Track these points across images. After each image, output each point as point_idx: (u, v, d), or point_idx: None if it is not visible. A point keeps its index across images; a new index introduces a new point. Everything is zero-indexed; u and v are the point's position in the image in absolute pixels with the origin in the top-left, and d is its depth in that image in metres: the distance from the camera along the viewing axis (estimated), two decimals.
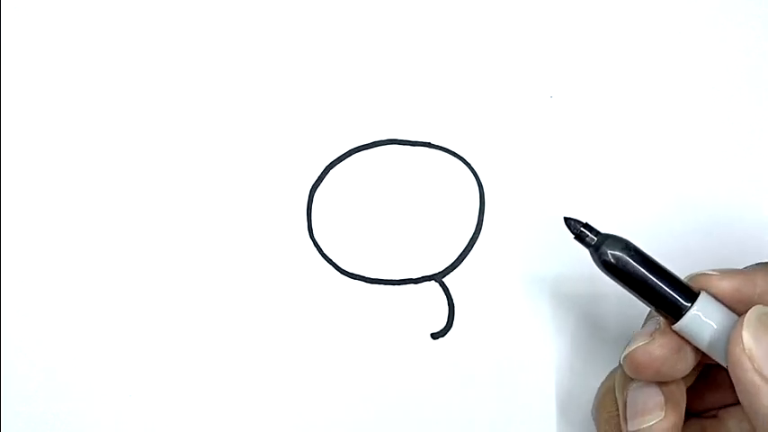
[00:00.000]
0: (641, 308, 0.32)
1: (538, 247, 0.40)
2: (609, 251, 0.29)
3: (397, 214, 0.40)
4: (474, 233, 0.40)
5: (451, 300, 0.39)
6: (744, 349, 0.26)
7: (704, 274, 0.29)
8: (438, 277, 0.40)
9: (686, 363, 0.29)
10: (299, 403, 0.39)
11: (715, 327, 0.28)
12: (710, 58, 0.40)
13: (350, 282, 0.40)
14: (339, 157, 0.40)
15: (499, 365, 0.39)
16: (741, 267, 0.30)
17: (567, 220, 0.31)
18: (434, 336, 0.39)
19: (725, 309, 0.28)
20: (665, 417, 0.29)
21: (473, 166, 0.40)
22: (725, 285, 0.28)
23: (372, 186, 0.40)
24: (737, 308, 0.28)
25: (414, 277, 0.40)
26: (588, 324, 0.39)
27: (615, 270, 0.29)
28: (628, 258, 0.29)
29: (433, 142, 0.40)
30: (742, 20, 0.40)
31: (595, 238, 0.30)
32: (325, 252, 0.40)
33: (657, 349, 0.29)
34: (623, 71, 0.40)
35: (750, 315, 0.26)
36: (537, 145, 0.40)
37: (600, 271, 0.30)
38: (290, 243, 0.40)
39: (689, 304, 0.28)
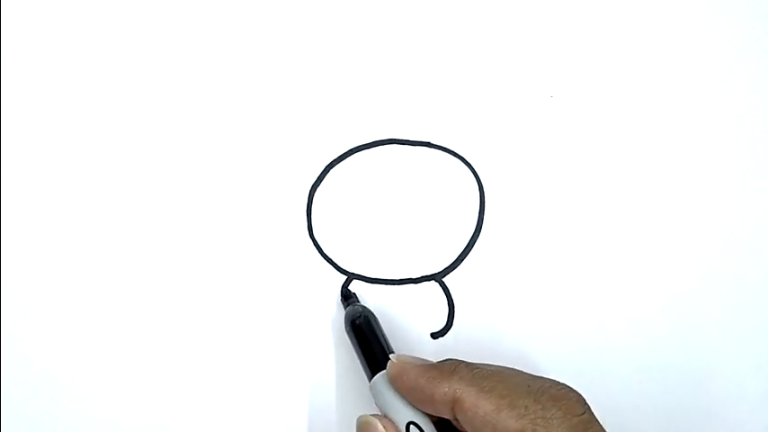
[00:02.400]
0: None
1: (538, 247, 0.40)
2: (348, 316, 0.37)
3: (396, 214, 0.40)
4: (474, 233, 0.40)
5: (451, 300, 0.39)
6: None
7: (391, 356, 0.34)
8: (438, 277, 0.40)
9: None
10: (299, 402, 0.39)
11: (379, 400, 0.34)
12: (710, 58, 0.40)
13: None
14: (339, 156, 0.40)
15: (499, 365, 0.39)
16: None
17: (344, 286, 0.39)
18: (434, 336, 0.39)
19: (391, 393, 0.33)
20: None
21: (473, 166, 0.40)
22: (389, 369, 0.33)
23: (372, 186, 0.40)
24: (405, 394, 0.33)
25: (414, 277, 0.40)
26: (587, 323, 0.39)
27: (355, 326, 0.37)
28: (348, 327, 0.37)
29: (433, 142, 0.40)
30: (742, 20, 0.40)
31: (347, 305, 0.38)
32: (325, 252, 0.40)
33: None
34: (624, 71, 0.40)
35: (357, 420, 0.33)
36: (537, 145, 0.40)
37: None
38: (290, 243, 0.40)
39: (372, 373, 0.35)
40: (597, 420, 0.30)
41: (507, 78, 0.40)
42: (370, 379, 0.35)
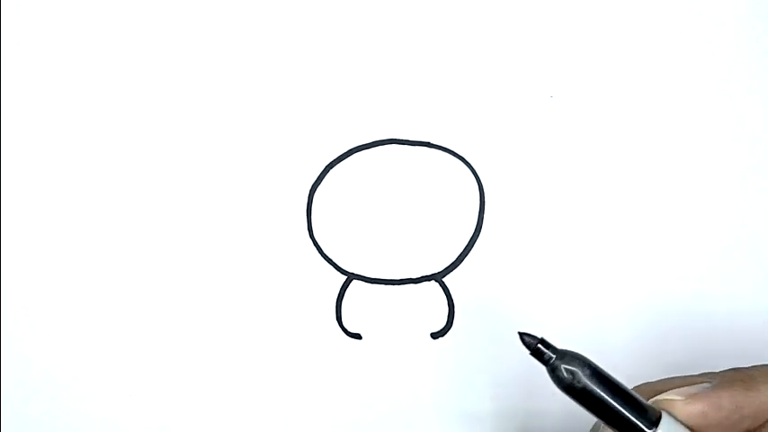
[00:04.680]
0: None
1: (538, 246, 0.40)
2: (565, 370, 0.28)
3: (396, 214, 0.40)
4: (474, 233, 0.40)
5: (451, 300, 0.39)
6: None
7: (669, 399, 0.28)
8: (438, 277, 0.40)
9: None
10: (298, 403, 0.39)
11: None
12: (711, 58, 0.40)
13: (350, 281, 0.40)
14: (339, 156, 0.40)
15: (499, 365, 0.39)
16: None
17: (521, 335, 0.29)
18: (434, 336, 0.39)
19: (685, 430, 0.28)
20: None
21: (473, 166, 0.40)
22: (691, 410, 0.28)
23: (372, 186, 0.40)
24: (706, 430, 0.28)
25: (414, 277, 0.40)
26: (587, 323, 0.39)
27: (572, 390, 0.28)
28: (585, 379, 0.28)
29: (433, 142, 0.40)
30: (742, 20, 0.40)
31: (553, 356, 0.28)
32: (325, 252, 0.40)
33: None
34: (623, 71, 0.40)
35: None
36: (537, 145, 0.40)
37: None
38: (290, 243, 0.40)
39: (651, 429, 0.27)
40: None
41: (507, 78, 0.40)
42: None
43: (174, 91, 0.40)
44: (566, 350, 0.28)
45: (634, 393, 0.28)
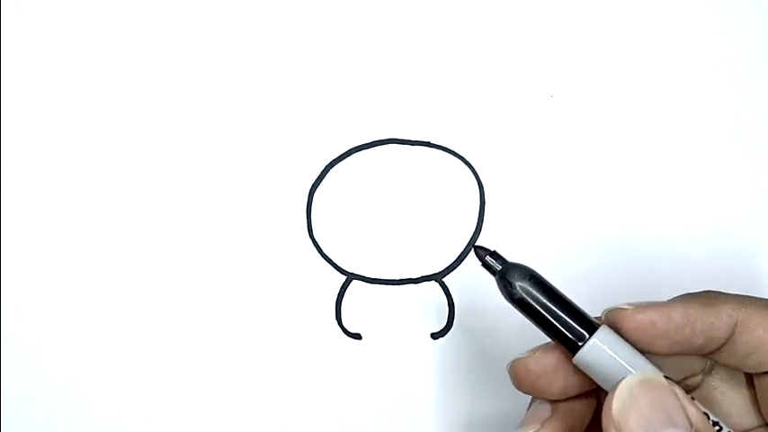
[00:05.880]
0: None
1: (538, 247, 0.40)
2: (511, 280, 0.29)
3: (396, 214, 0.40)
4: (474, 233, 0.40)
5: (451, 300, 0.40)
6: (612, 420, 0.25)
7: (618, 308, 0.28)
8: (438, 277, 0.40)
9: (563, 384, 0.29)
10: (298, 403, 0.39)
11: (611, 363, 0.27)
12: (710, 58, 0.40)
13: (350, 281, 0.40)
14: (339, 156, 0.40)
15: (499, 365, 0.39)
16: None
17: (475, 248, 0.30)
18: (434, 336, 0.39)
19: (626, 345, 0.28)
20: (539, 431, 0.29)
21: (473, 166, 0.40)
22: (639, 318, 0.27)
23: (372, 186, 0.40)
24: (654, 342, 0.27)
25: (414, 277, 0.40)
26: None
27: (513, 298, 0.29)
28: (529, 288, 0.29)
29: (433, 142, 0.40)
30: (742, 20, 0.40)
31: (500, 267, 0.30)
32: (325, 252, 0.40)
33: (532, 363, 0.29)
34: (623, 71, 0.40)
35: (622, 385, 0.26)
36: (537, 145, 0.40)
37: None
38: (290, 243, 0.40)
39: (581, 341, 0.28)
40: None
41: (507, 78, 0.40)
42: (573, 351, 0.28)
43: (174, 91, 0.40)
44: (513, 262, 0.29)
45: (576, 305, 0.28)
